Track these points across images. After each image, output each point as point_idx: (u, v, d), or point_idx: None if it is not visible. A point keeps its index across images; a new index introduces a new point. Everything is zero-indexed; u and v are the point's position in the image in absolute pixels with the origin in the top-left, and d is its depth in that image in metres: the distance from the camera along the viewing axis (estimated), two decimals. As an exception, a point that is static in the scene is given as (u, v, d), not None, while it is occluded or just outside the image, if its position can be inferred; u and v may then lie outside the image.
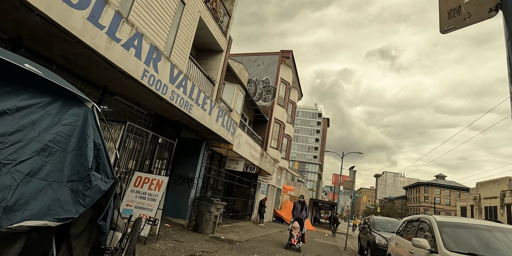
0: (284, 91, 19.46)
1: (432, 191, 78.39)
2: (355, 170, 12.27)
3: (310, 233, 17.82)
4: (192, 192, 8.93)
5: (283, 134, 20.07)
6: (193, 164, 9.12)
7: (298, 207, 9.30)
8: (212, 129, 7.51)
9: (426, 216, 4.91)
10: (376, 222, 10.52)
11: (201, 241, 6.84)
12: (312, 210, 32.94)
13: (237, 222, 13.50)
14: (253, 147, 11.83)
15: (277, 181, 20.91)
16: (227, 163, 11.26)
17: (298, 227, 8.64)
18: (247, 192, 15.03)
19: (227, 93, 12.11)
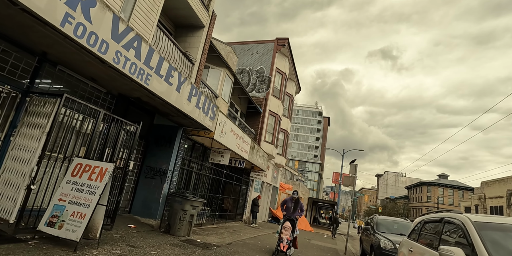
0: (280, 82, 18.14)
1: (435, 190, 76.93)
2: (356, 163, 10.94)
3: (308, 234, 16.48)
4: (165, 187, 7.62)
5: (278, 128, 18.74)
6: (167, 154, 7.81)
7: (290, 207, 7.46)
8: (182, 109, 6.20)
9: (454, 215, 3.58)
10: (380, 223, 9.19)
11: (165, 246, 5.52)
12: (311, 210, 31.58)
13: (225, 222, 12.19)
14: (242, 138, 10.51)
15: (273, 178, 19.58)
16: (211, 155, 9.95)
17: (290, 227, 7.07)
18: (238, 190, 13.71)
19: (212, 78, 10.82)
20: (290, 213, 7.44)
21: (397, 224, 9.14)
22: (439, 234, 3.66)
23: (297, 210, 7.47)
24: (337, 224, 19.01)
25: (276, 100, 17.51)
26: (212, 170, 10.69)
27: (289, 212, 7.44)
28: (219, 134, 8.46)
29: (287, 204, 7.62)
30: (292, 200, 7.63)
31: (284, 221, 7.25)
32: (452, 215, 3.63)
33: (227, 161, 9.75)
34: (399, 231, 8.67)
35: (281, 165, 20.51)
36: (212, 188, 11.48)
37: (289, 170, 40.96)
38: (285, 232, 6.96)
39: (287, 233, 6.96)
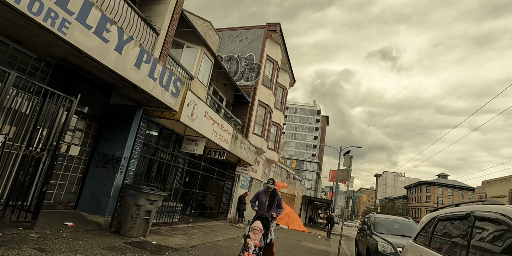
0: (271, 71, 16.83)
1: (435, 190, 75.84)
2: (351, 155, 9.63)
3: (300, 235, 15.19)
4: (118, 177, 6.30)
5: (270, 121, 17.43)
6: (122, 139, 6.50)
7: (265, 201, 5.69)
8: (127, 77, 4.89)
9: (493, 208, 2.27)
10: (378, 222, 7.91)
11: (96, 250, 4.21)
12: (306, 209, 30.29)
13: (205, 221, 10.87)
14: (220, 125, 9.20)
15: (264, 174, 18.28)
16: (184, 143, 8.64)
17: (260, 230, 5.00)
18: (221, 185, 12.40)
19: (188, 57, 9.51)
20: (264, 210, 5.63)
21: (398, 223, 7.85)
22: (467, 238, 2.35)
23: (273, 206, 5.70)
24: (332, 223, 17.71)
25: (266, 90, 16.20)
26: (188, 162, 9.38)
27: (263, 209, 5.66)
28: (188, 117, 7.14)
29: (260, 197, 5.80)
30: (266, 192, 5.81)
31: (254, 220, 5.23)
32: (488, 208, 2.32)
33: (201, 150, 8.44)
34: (400, 232, 7.39)
35: (273, 161, 19.22)
36: (188, 182, 10.17)
37: (285, 168, 39.67)
38: (254, 236, 4.93)
39: (256, 237, 4.93)
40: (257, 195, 5.94)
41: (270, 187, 5.84)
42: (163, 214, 8.19)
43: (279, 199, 5.85)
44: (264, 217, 5.28)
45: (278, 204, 5.81)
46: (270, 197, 5.77)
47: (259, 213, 5.42)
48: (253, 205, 5.81)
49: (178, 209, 8.92)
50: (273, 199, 5.74)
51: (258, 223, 5.08)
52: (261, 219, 5.26)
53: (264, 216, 5.29)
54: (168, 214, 8.40)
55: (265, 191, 5.89)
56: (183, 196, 9.94)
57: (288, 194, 22.60)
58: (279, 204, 5.82)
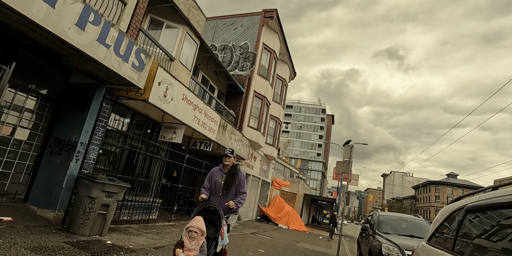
0: (268, 60, 15.83)
1: (444, 190, 73.77)
2: (352, 145, 8.55)
3: (299, 235, 14.14)
4: (73, 165, 5.38)
5: (267, 114, 16.42)
6: (79, 122, 5.58)
7: (220, 182, 3.75)
8: (66, 39, 3.95)
9: None
10: (382, 220, 6.84)
11: (15, 250, 3.27)
12: (309, 209, 29.15)
13: (192, 219, 9.91)
14: (204, 112, 8.24)
15: (262, 171, 17.27)
16: (162, 131, 7.70)
17: (201, 231, 3.00)
18: (211, 181, 11.42)
19: (168, 38, 8.58)
20: (218, 197, 3.69)
21: (406, 222, 6.76)
22: None
23: (231, 190, 3.72)
24: (335, 223, 16.60)
25: (263, 80, 15.20)
26: (169, 153, 8.44)
27: (217, 194, 3.72)
28: (159, 98, 6.19)
29: (214, 176, 3.86)
30: (223, 169, 3.87)
31: (195, 213, 3.39)
32: None
33: (180, 138, 7.49)
34: (408, 232, 6.32)
35: (272, 157, 18.20)
36: (171, 176, 9.23)
37: (289, 167, 38.56)
38: (188, 244, 2.94)
39: (193, 245, 2.94)
40: (210, 175, 3.92)
41: (227, 159, 3.82)
42: (137, 210, 7.26)
43: (241, 179, 3.81)
44: (212, 209, 3.36)
45: (240, 186, 3.77)
46: (228, 175, 3.78)
47: (206, 203, 3.47)
48: (203, 191, 3.77)
49: (156, 205, 7.98)
50: (231, 178, 3.75)
51: (197, 221, 3.03)
52: (207, 213, 3.36)
53: (213, 207, 3.36)
54: (143, 210, 7.46)
55: (219, 169, 3.92)
56: (165, 191, 9.00)
57: (288, 192, 21.55)
58: (241, 186, 3.78)
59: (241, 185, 3.79)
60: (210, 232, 3.30)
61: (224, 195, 3.72)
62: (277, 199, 19.32)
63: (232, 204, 3.57)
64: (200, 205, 3.50)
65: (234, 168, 3.92)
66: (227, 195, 3.73)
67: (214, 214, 3.43)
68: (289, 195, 21.20)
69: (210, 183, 3.86)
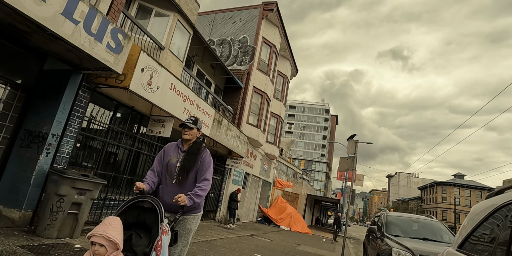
0: (268, 55, 15.22)
1: (451, 191, 72.37)
2: (356, 140, 7.89)
3: (302, 237, 13.45)
4: (43, 160, 4.81)
5: (267, 110, 15.80)
6: (52, 111, 5.01)
7: (175, 164, 2.53)
8: (19, 7, 3.38)
9: None
10: (391, 222, 6.16)
11: None
12: (312, 210, 28.40)
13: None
14: (196, 104, 7.65)
15: (262, 170, 16.62)
16: (150, 125, 7.11)
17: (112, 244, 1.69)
18: (208, 180, 10.82)
19: (158, 26, 8.02)
20: (170, 186, 2.52)
21: (418, 223, 6.08)
22: None
23: (189, 176, 2.51)
24: (339, 225, 15.87)
25: (262, 75, 14.59)
26: (158, 149, 7.85)
27: (168, 182, 2.54)
28: (142, 86, 5.60)
29: (167, 155, 2.65)
30: (181, 146, 2.65)
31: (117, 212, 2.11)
32: None
33: (169, 132, 6.89)
34: (420, 234, 5.63)
35: (273, 156, 17.55)
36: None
37: (292, 167, 37.85)
38: None
39: None
40: (162, 153, 2.70)
41: (188, 131, 2.59)
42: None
43: (204, 161, 2.57)
44: (147, 206, 2.13)
45: (201, 171, 2.53)
46: (187, 154, 2.56)
47: (139, 196, 2.23)
48: (147, 177, 2.54)
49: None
50: (192, 159, 2.53)
51: (107, 226, 1.75)
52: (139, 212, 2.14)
53: (149, 203, 2.13)
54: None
55: (178, 143, 2.68)
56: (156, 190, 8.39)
57: (291, 193, 20.87)
58: (203, 171, 2.53)
59: (203, 169, 2.52)
60: (139, 244, 1.96)
61: (179, 184, 2.48)
62: (279, 200, 18.65)
63: (183, 200, 2.20)
64: (129, 199, 2.20)
65: (197, 145, 2.62)
66: (184, 183, 2.48)
67: (150, 215, 2.08)
68: (291, 195, 20.53)
69: (161, 165, 2.61)
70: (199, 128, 2.72)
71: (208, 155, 2.67)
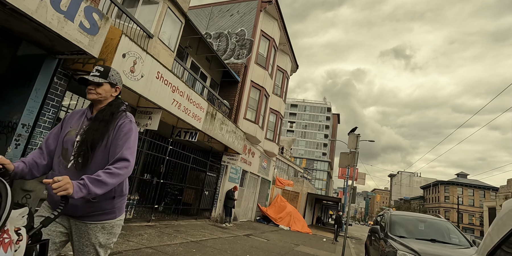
0: (267, 49, 14.73)
1: (453, 190, 71.66)
2: (358, 133, 7.39)
3: (301, 237, 13.00)
4: (11, 152, 4.37)
5: (266, 106, 15.33)
6: (23, 99, 4.57)
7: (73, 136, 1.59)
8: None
9: None
10: (396, 222, 5.68)
11: None
12: (313, 209, 27.94)
13: (179, 219, 8.87)
14: (187, 96, 7.19)
15: (261, 168, 16.16)
16: (136, 117, 6.65)
17: None
18: (202, 177, 10.36)
19: (146, 14, 7.55)
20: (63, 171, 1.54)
21: (424, 223, 5.59)
22: None
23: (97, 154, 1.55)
24: (340, 224, 15.39)
25: (261, 70, 14.11)
26: (147, 143, 7.42)
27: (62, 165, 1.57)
28: (124, 72, 5.15)
29: (66, 124, 1.69)
30: (88, 111, 1.69)
31: None
32: None
33: (155, 125, 6.43)
34: (427, 235, 5.15)
35: (273, 154, 17.08)
36: (165, 173, 8.22)
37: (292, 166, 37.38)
38: None
39: None
40: (60, 123, 1.75)
41: (94, 89, 1.65)
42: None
43: (121, 131, 1.59)
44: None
45: (116, 147, 1.55)
46: (93, 122, 1.61)
47: None
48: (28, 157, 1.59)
49: (131, 203, 6.95)
50: (100, 128, 1.58)
51: None
52: None
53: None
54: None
55: (85, 110, 1.73)
56: (147, 187, 7.97)
57: (291, 191, 20.42)
58: (120, 146, 1.54)
59: (118, 143, 1.56)
60: None
61: (78, 169, 1.54)
62: (279, 198, 18.19)
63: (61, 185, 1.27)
64: None
65: (111, 109, 1.67)
66: (86, 168, 1.54)
67: None
68: (291, 194, 20.07)
69: (56, 139, 1.68)
70: (113, 83, 1.71)
71: (128, 122, 1.64)
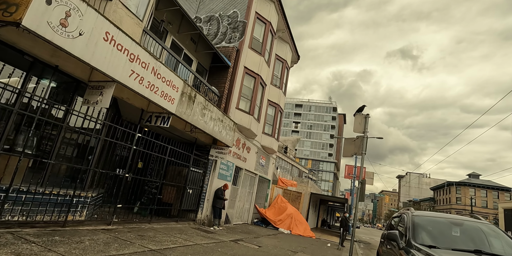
0: (263, 33, 13.36)
1: (466, 191, 69.01)
2: (367, 114, 5.91)
3: (304, 242, 11.50)
4: None
5: (263, 97, 13.93)
6: None
7: None
8: None
9: None
10: (420, 225, 4.19)
11: None
12: (318, 211, 26.32)
13: (152, 222, 7.50)
14: (153, 69, 5.83)
15: (259, 166, 14.73)
16: (86, 94, 5.31)
17: None
18: (184, 173, 8.97)
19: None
20: None
21: (461, 227, 4.09)
22: None
23: None
24: (346, 227, 13.84)
25: (256, 55, 12.73)
26: (107, 128, 6.09)
27: None
28: (50, 25, 3.81)
29: None
30: None
31: None
32: None
33: (107, 102, 5.07)
34: (467, 245, 3.68)
35: (271, 150, 15.62)
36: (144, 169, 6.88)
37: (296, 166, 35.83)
38: None
39: None
40: None
41: None
42: (46, 207, 4.91)
43: None
44: None
45: None
46: None
47: None
48: None
49: (84, 201, 5.60)
50: None
51: None
52: None
53: None
54: (59, 207, 5.11)
55: None
56: (101, 179, 6.62)
57: (292, 191, 18.92)
58: None
59: None
60: None
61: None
62: (279, 199, 16.70)
63: None
64: None
65: None
66: None
67: None
68: (293, 194, 18.56)
69: None
70: None
71: None
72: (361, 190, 6.18)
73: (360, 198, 6.22)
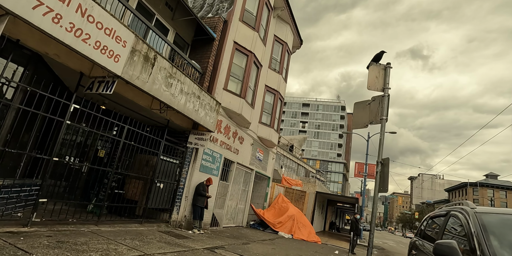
0: (257, 6, 11.60)
1: (483, 192, 65.50)
2: (386, 63, 4.01)
3: (306, 249, 9.60)
4: None
5: (258, 78, 12.14)
6: None
7: None
8: None
9: None
10: (497, 231, 2.28)
11: None
12: (325, 212, 24.22)
13: (118, 223, 5.76)
14: (79, 6, 4.13)
15: (255, 160, 12.90)
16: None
17: None
18: (153, 162, 7.22)
19: None
20: None
21: None
22: None
23: None
24: (357, 231, 11.86)
25: (248, 30, 10.96)
26: (22, 93, 4.41)
27: None
28: None
29: None
30: None
31: None
32: None
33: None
34: None
35: (270, 142, 13.78)
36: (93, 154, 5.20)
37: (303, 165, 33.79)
38: None
39: None
40: None
41: None
42: None
43: None
44: None
45: None
46: None
47: None
48: None
49: (25, 199, 3.90)
50: None
51: None
52: None
53: None
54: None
55: None
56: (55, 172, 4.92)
57: (295, 190, 17.01)
58: None
59: None
60: None
61: None
62: (280, 199, 14.81)
63: None
64: None
65: None
66: None
67: None
68: (296, 193, 16.64)
69: None
70: None
71: None
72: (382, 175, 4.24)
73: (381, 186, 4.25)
